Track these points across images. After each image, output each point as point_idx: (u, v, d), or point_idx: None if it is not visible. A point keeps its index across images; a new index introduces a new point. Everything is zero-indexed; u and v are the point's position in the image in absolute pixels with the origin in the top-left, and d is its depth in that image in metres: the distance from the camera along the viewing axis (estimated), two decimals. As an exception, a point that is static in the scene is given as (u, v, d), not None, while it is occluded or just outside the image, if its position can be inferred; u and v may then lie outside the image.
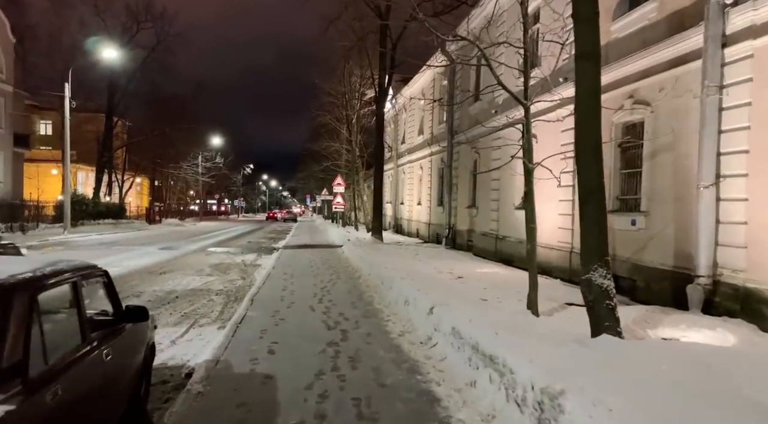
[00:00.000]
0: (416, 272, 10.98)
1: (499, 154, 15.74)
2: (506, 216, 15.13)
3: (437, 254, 17.08)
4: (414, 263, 13.53)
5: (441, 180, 23.38)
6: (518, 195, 14.42)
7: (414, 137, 29.04)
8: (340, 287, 10.71)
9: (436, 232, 23.52)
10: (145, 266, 14.84)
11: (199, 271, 14.05)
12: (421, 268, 12.40)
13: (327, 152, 39.39)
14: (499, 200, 15.74)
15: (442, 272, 11.86)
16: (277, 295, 9.74)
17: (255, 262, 16.89)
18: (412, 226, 29.33)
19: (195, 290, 10.87)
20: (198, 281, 12.16)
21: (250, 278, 12.86)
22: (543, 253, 12.65)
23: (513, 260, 14.41)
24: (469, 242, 18.77)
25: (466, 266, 13.62)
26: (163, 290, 10.76)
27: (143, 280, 12.07)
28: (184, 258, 17.56)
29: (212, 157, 59.94)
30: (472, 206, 18.53)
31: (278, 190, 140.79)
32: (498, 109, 15.73)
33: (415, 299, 7.37)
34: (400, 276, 9.79)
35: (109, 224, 37.16)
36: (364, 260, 14.22)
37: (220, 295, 10.33)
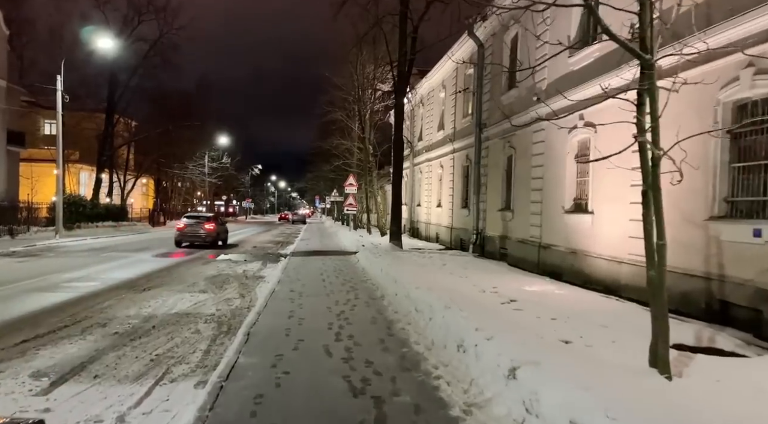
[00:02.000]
0: (454, 292, 8.75)
1: (542, 148, 13.47)
2: (553, 221, 12.85)
3: (467, 264, 14.81)
4: (445, 277, 11.29)
5: (466, 179, 21.11)
6: (569, 196, 12.13)
7: (433, 133, 26.78)
8: (362, 314, 8.48)
9: (460, 237, 21.25)
10: (129, 279, 12.72)
11: (192, 286, 11.90)
12: (457, 284, 10.16)
13: (337, 151, 37.25)
14: (543, 202, 13.46)
15: (485, 290, 9.62)
16: (281, 325, 7.54)
17: (258, 273, 14.73)
18: (430, 230, 27.07)
19: (180, 314, 8.70)
20: (187, 301, 10.00)
21: (249, 296, 10.68)
22: (604, 267, 10.36)
23: (562, 273, 12.12)
24: (502, 250, 16.48)
25: (509, 281, 11.36)
26: (139, 315, 8.59)
27: (120, 300, 9.93)
28: (179, 268, 15.44)
29: (219, 157, 58.06)
30: (506, 209, 16.25)
31: (287, 191, 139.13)
32: (541, 95, 13.42)
33: (477, 346, 5.14)
34: (439, 299, 7.56)
35: (108, 227, 35.24)
36: (385, 272, 12.00)
37: (209, 323, 8.15)
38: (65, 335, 7.18)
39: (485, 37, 18.07)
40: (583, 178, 11.73)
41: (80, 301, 9.68)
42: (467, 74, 20.97)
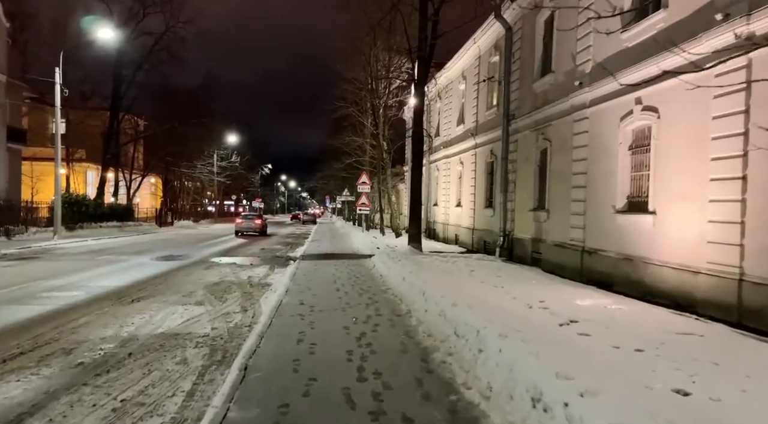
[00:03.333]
0: (498, 309, 7.18)
1: (585, 139, 11.83)
2: (600, 222, 11.21)
3: (498, 270, 13.20)
4: (479, 288, 9.71)
5: (490, 177, 19.50)
6: (622, 193, 10.48)
7: (452, 128, 25.17)
8: (387, 337, 6.92)
9: (483, 239, 19.63)
10: (119, 287, 11.26)
11: (188, 296, 10.41)
12: (496, 297, 8.58)
13: (349, 148, 35.74)
14: (586, 201, 11.82)
15: (531, 305, 8.02)
16: (288, 354, 6.01)
17: (264, 279, 13.23)
18: (449, 231, 25.45)
19: (167, 336, 7.20)
20: (178, 316, 8.50)
21: (252, 310, 9.17)
22: (671, 277, 8.71)
23: (612, 282, 10.49)
24: (534, 255, 14.85)
25: (554, 292, 9.74)
26: (117, 337, 7.10)
27: (100, 315, 8.45)
28: (178, 273, 13.99)
29: (227, 156, 56.77)
30: (540, 209, 14.61)
31: (297, 191, 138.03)
32: (585, 79, 11.80)
33: (567, 406, 3.56)
34: (487, 322, 5.97)
35: (112, 227, 34.02)
36: (409, 282, 10.43)
37: (200, 348, 6.63)
38: (16, 366, 5.71)
39: (514, 20, 16.45)
40: (639, 173, 10.08)
41: (53, 317, 8.22)
42: (491, 62, 19.36)
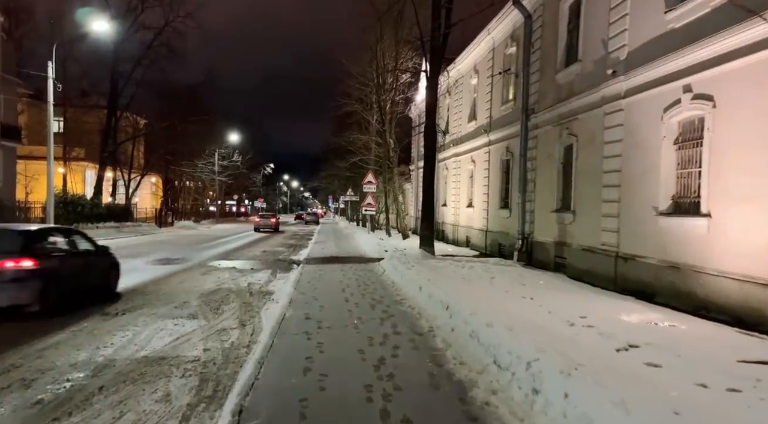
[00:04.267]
0: (539, 329, 6.10)
1: (619, 133, 10.70)
2: (638, 225, 10.09)
3: (519, 276, 12.11)
4: (507, 300, 8.63)
5: (505, 176, 18.38)
6: (666, 193, 9.35)
7: (463, 125, 24.06)
8: (411, 366, 5.80)
9: (498, 242, 18.52)
10: (105, 297, 10.17)
11: (180, 308, 9.33)
12: (531, 313, 7.49)
13: (353, 147, 34.65)
14: (621, 202, 10.70)
15: (573, 323, 6.93)
16: (294, 391, 4.93)
17: (266, 286, 12.14)
18: (459, 233, 24.34)
19: (150, 361, 6.11)
20: (167, 334, 7.42)
21: (251, 325, 8.07)
22: (732, 290, 7.58)
23: (654, 293, 9.37)
24: (558, 260, 13.73)
25: (591, 304, 8.64)
26: (90, 362, 6.01)
27: (76, 333, 7.36)
28: (172, 279, 12.92)
29: (229, 155, 55.69)
30: (564, 210, 13.49)
31: (299, 191, 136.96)
32: (620, 66, 10.68)
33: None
34: (540, 352, 4.87)
35: (110, 228, 32.96)
36: (428, 293, 9.34)
37: (188, 378, 5.54)
38: (-43, 407, 4.63)
39: (533, 7, 15.32)
40: (688, 170, 8.95)
41: (20, 335, 7.13)
42: (507, 54, 18.23)
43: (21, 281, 7.84)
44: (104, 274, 10.44)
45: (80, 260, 9.77)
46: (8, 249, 7.99)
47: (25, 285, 7.86)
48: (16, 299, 7.87)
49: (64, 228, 11.64)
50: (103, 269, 10.45)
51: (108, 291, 10.40)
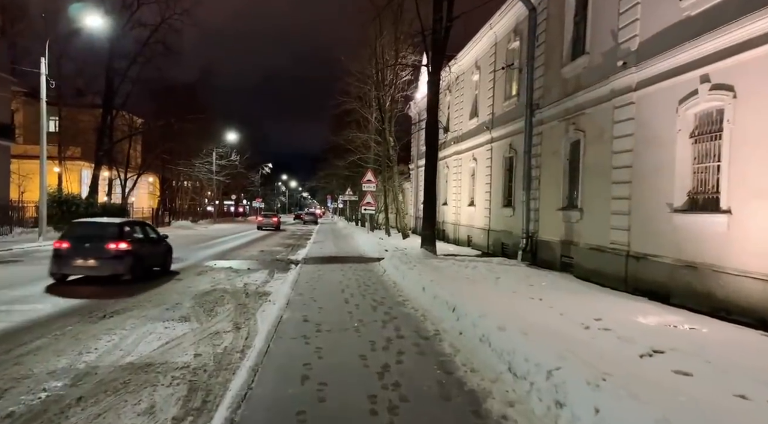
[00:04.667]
0: (553, 334, 5.67)
1: (629, 127, 10.28)
2: (650, 223, 9.66)
3: (525, 277, 11.68)
4: (516, 302, 8.21)
5: (508, 173, 17.95)
6: (681, 189, 8.93)
7: (464, 122, 23.64)
8: (419, 376, 5.35)
9: (501, 241, 18.10)
10: (93, 298, 9.72)
11: (172, 309, 8.89)
12: (541, 315, 7.08)
13: (352, 145, 34.23)
14: (632, 199, 10.27)
15: (588, 325, 6.51)
16: (291, 402, 4.50)
17: (263, 287, 11.70)
18: (460, 232, 23.91)
19: (135, 368, 5.67)
20: (155, 338, 6.97)
21: (246, 328, 7.64)
22: (754, 290, 7.17)
23: (669, 294, 8.95)
24: (564, 259, 13.30)
25: (603, 305, 8.22)
26: (71, 369, 5.57)
27: (59, 337, 6.91)
28: (166, 280, 12.45)
29: (227, 155, 55.17)
30: (571, 208, 13.08)
31: (298, 191, 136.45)
32: (630, 57, 10.26)
33: None
34: (555, 354, 4.44)
35: (106, 228, 32.51)
36: (432, 293, 8.90)
37: (176, 386, 5.11)
38: None
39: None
40: (705, 164, 8.53)
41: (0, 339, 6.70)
42: (510, 49, 17.81)
43: (119, 258, 11.26)
44: (164, 255, 13.77)
45: (151, 244, 13.15)
46: (110, 236, 11.42)
47: (122, 261, 11.29)
48: (115, 270, 11.26)
49: (139, 221, 14.85)
50: (163, 252, 13.76)
51: (165, 268, 13.71)
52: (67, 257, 11.11)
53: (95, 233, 11.60)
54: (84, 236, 11.42)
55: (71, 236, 11.50)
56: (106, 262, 11.12)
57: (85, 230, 11.99)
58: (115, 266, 11.23)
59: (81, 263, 11.11)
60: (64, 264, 11.16)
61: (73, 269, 11.26)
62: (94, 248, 11.14)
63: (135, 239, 12.21)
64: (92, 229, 12.04)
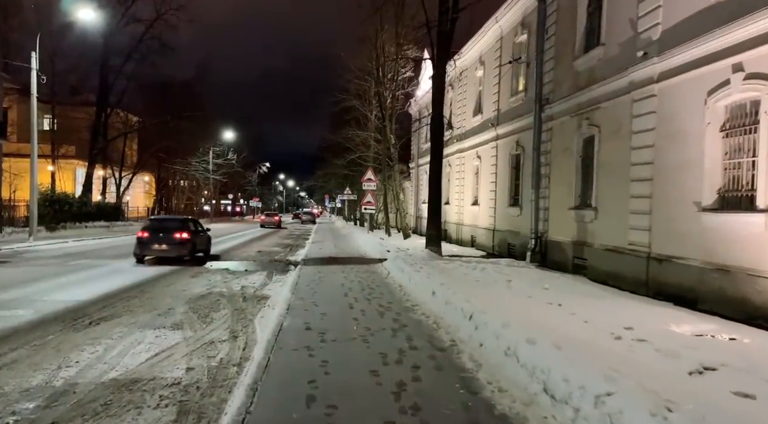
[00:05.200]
0: (588, 346, 5.08)
1: (651, 121, 9.69)
2: (675, 223, 9.08)
3: (538, 279, 11.09)
4: (535, 308, 7.63)
5: (515, 171, 17.37)
6: (711, 187, 8.35)
7: (467, 120, 23.06)
8: (440, 396, 4.72)
9: (507, 241, 17.52)
10: (80, 303, 9.08)
11: (164, 315, 8.26)
12: (564, 323, 6.50)
13: (352, 144, 33.66)
14: (654, 197, 9.69)
15: (620, 335, 5.93)
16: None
17: (261, 290, 11.09)
18: (463, 232, 23.33)
19: (120, 385, 5.05)
20: (145, 348, 6.36)
21: (244, 337, 7.02)
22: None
23: (696, 298, 8.37)
24: (576, 260, 12.72)
25: (629, 312, 7.64)
26: (47, 387, 4.95)
27: (39, 348, 6.28)
28: (159, 282, 11.84)
29: (224, 153, 54.49)
30: (584, 207, 12.50)
31: (295, 190, 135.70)
32: (652, 47, 9.67)
33: None
34: (601, 375, 3.86)
35: (100, 228, 31.84)
36: (443, 298, 8.30)
37: (164, 409, 4.49)
38: None
39: (548, -11, 14.29)
40: (737, 160, 7.95)
41: (-29, 351, 6.07)
42: (517, 43, 17.22)
43: (183, 244, 15.25)
44: (207, 243, 17.65)
45: (199, 235, 16.95)
46: (176, 228, 15.54)
47: (185, 246, 15.29)
48: (179, 253, 15.19)
49: (192, 218, 18.48)
50: (206, 241, 17.67)
51: (207, 253, 17.54)
52: (147, 243, 15.09)
53: (166, 226, 15.78)
54: (158, 228, 15.59)
55: (149, 228, 15.61)
56: (174, 246, 15.14)
57: (159, 224, 16.27)
58: (180, 250, 15.22)
59: (156, 247, 15.14)
60: (145, 248, 15.10)
61: (151, 251, 15.20)
62: (166, 237, 15.20)
63: (192, 231, 16.14)
64: (164, 223, 16.53)
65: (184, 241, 15.30)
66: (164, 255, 15.13)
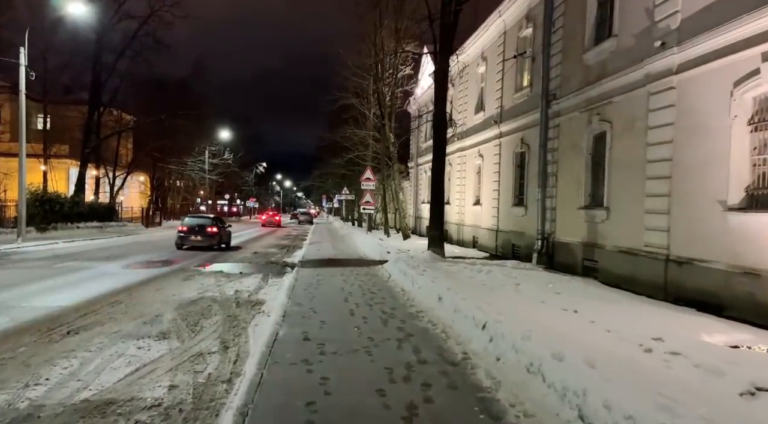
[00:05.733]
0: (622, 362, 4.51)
1: (669, 115, 9.14)
2: (697, 223, 8.53)
3: (547, 283, 10.53)
4: (551, 315, 7.07)
5: (519, 170, 16.82)
6: (738, 184, 7.79)
7: (469, 117, 22.50)
8: (456, 416, 4.19)
9: (511, 242, 16.96)
10: (60, 309, 8.47)
11: (150, 323, 7.66)
12: (584, 332, 5.94)
13: (350, 143, 33.08)
14: (672, 196, 9.13)
15: (650, 347, 5.36)
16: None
17: (256, 294, 10.49)
18: (464, 232, 22.76)
19: (91, 408, 4.45)
20: (124, 361, 5.76)
21: (236, 348, 6.42)
22: None
23: (722, 304, 7.82)
24: (586, 262, 12.16)
25: (652, 319, 7.08)
26: (9, 410, 4.34)
27: (5, 362, 5.68)
28: (148, 286, 11.23)
29: (220, 153, 53.77)
30: (595, 206, 11.94)
31: (292, 190, 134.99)
32: (670, 38, 9.12)
33: None
34: (655, 405, 3.29)
35: (93, 228, 31.10)
36: (450, 305, 7.73)
37: (139, 439, 3.90)
38: None
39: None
40: (767, 156, 7.39)
41: (-69, 366, 5.46)
42: (521, 37, 16.66)
43: (213, 236, 20.04)
44: (228, 237, 22.08)
45: (224, 229, 21.52)
46: (208, 224, 20.42)
47: (214, 238, 20.09)
48: (210, 243, 20.03)
49: (218, 217, 23.84)
50: (228, 235, 22.08)
51: (228, 245, 21.93)
52: (185, 235, 20.15)
53: (200, 223, 20.81)
54: (194, 224, 20.68)
55: (187, 225, 20.74)
56: (206, 238, 20.11)
57: (194, 221, 21.41)
58: (210, 241, 20.20)
59: (193, 238, 20.01)
60: (184, 239, 20.09)
61: (189, 241, 20.05)
62: (200, 231, 20.17)
63: (219, 226, 21.00)
64: (198, 220, 21.45)
65: (213, 234, 20.28)
66: (198, 244, 19.95)
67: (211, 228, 20.31)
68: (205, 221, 21.00)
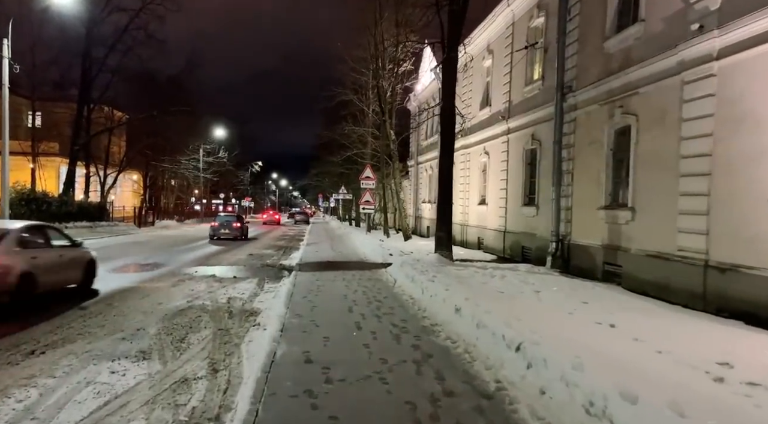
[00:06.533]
0: (707, 400, 3.64)
1: (707, 106, 8.27)
2: (743, 225, 7.65)
3: (569, 290, 9.66)
4: (585, 330, 6.21)
5: (530, 167, 15.94)
6: (796, 183, 6.87)
7: (474, 113, 21.62)
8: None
9: (521, 244, 16.09)
10: (30, 321, 7.51)
11: (130, 339, 6.73)
12: (639, 356, 5.07)
13: (348, 140, 32.13)
14: (712, 195, 8.25)
15: (721, 377, 4.49)
16: None
17: (251, 302, 9.56)
18: (468, 233, 21.87)
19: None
20: (92, 391, 4.84)
21: (226, 374, 5.49)
22: None
23: (775, 316, 6.92)
24: (607, 267, 11.29)
25: (702, 336, 6.22)
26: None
27: (-51, 393, 4.74)
28: (132, 294, 10.28)
29: (214, 151, 52.67)
30: (618, 206, 11.06)
31: (288, 190, 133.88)
32: (708, 20, 8.25)
33: None
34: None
35: (82, 228, 29.97)
36: (472, 319, 6.82)
37: None
38: None
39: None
40: (833, 150, 6.52)
41: None
42: (531, 27, 15.78)
43: (237, 229, 26.93)
44: (247, 231, 29.13)
45: (244, 224, 28.51)
46: (234, 220, 27.44)
47: (238, 231, 26.95)
48: (236, 235, 26.72)
49: (240, 215, 31.84)
50: (246, 229, 29.22)
51: (245, 236, 27.98)
52: (217, 229, 26.25)
53: (227, 220, 27.26)
54: (223, 221, 27.10)
55: (218, 221, 27.06)
56: (232, 231, 26.34)
57: (223, 218, 27.74)
58: (235, 233, 26.39)
59: (222, 232, 26.12)
60: (216, 232, 26.12)
61: (219, 234, 26.05)
62: (228, 226, 26.50)
63: (241, 222, 27.53)
64: (226, 218, 27.80)
65: (237, 228, 26.77)
66: (226, 236, 26.09)
67: (235, 223, 26.84)
68: (230, 218, 27.84)
